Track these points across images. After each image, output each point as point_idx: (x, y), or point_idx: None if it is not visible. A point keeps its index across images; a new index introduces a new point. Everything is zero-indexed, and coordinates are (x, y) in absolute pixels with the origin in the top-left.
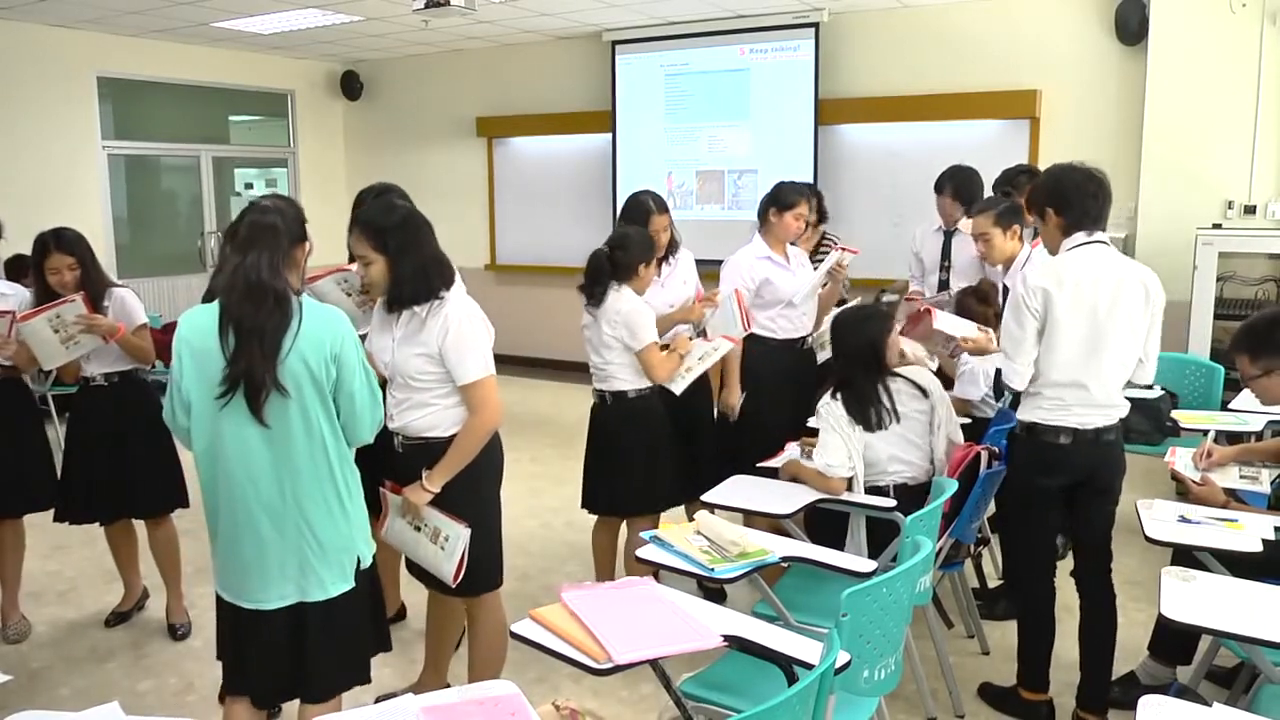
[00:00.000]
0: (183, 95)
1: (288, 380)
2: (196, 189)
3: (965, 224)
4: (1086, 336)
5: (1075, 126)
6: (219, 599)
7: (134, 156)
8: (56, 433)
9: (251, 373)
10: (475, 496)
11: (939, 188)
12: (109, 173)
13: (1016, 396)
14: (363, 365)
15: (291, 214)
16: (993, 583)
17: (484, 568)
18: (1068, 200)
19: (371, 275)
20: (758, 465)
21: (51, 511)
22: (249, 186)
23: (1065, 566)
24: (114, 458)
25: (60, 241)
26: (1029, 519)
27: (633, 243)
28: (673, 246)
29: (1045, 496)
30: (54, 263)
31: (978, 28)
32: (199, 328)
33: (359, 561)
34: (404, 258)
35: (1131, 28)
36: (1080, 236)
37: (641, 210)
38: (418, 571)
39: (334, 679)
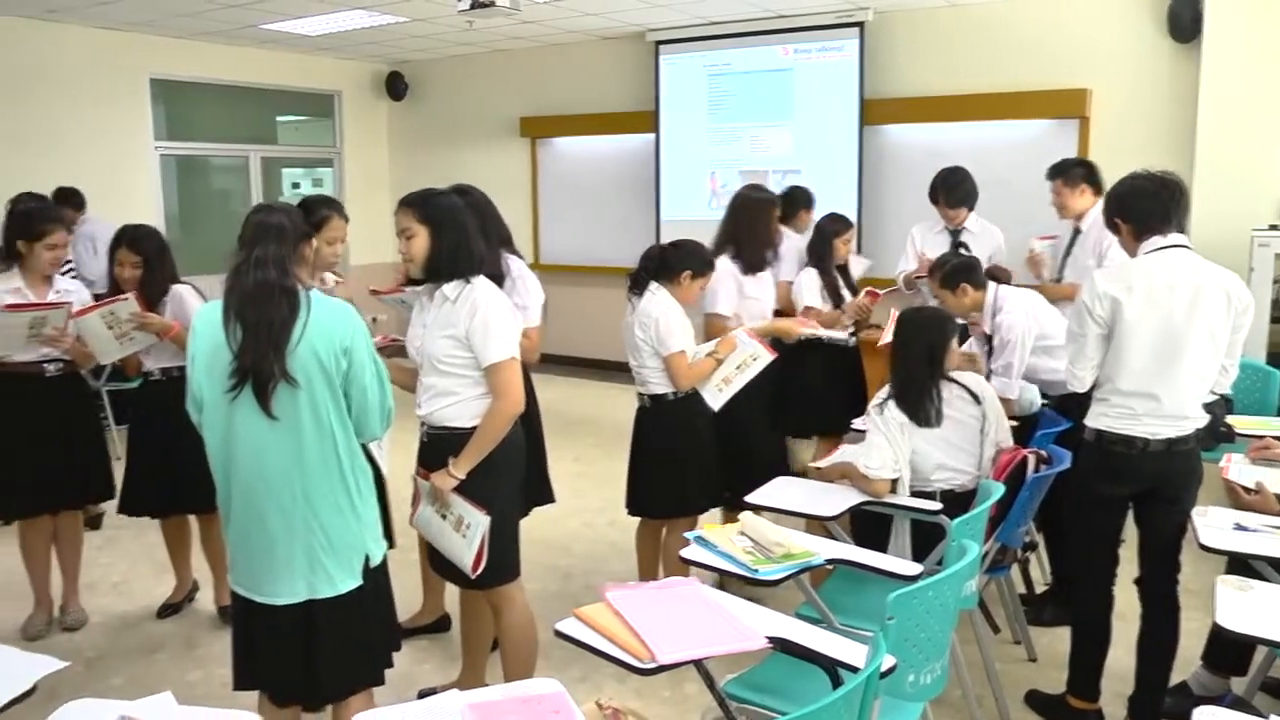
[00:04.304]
0: (232, 96)
1: (298, 371)
2: (245, 188)
3: (972, 221)
4: (1160, 346)
5: (1126, 126)
6: (233, 593)
7: (185, 157)
8: (112, 429)
9: (259, 365)
10: (491, 485)
11: (933, 198)
12: (161, 172)
13: (1061, 402)
14: (373, 358)
15: (296, 213)
16: (1040, 588)
17: (499, 558)
18: (1128, 206)
19: (412, 250)
20: (812, 465)
21: (103, 504)
22: (296, 186)
23: (1126, 573)
24: (169, 452)
25: (130, 238)
26: (1090, 525)
27: (688, 249)
28: None
29: (1108, 504)
30: (121, 256)
31: (1026, 25)
32: (212, 322)
33: (368, 560)
34: (443, 232)
35: (1184, 24)
36: (1156, 240)
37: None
38: (440, 567)
39: (344, 679)
